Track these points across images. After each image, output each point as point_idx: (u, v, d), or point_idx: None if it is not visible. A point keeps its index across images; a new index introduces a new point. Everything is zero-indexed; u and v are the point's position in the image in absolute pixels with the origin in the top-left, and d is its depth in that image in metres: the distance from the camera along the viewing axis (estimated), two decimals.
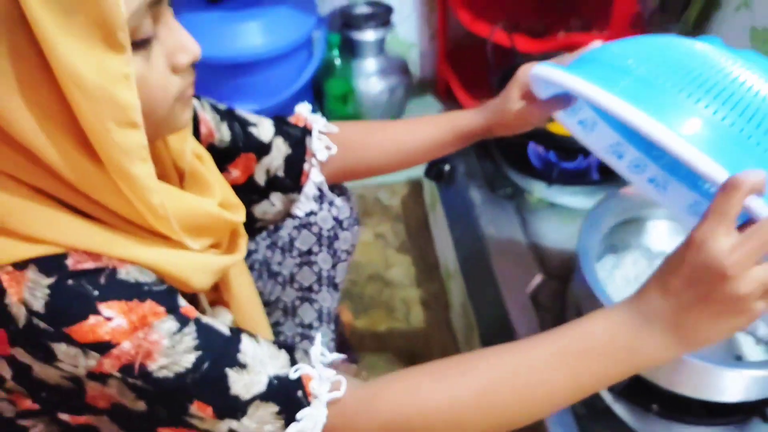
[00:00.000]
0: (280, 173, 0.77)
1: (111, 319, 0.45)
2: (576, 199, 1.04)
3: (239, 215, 0.62)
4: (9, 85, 0.40)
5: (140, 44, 0.45)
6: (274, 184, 0.78)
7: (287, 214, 0.82)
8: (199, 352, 0.49)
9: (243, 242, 0.65)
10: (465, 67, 1.71)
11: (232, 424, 0.49)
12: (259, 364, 0.51)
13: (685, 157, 0.47)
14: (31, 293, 0.44)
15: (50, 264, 0.45)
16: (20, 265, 0.45)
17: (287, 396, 0.51)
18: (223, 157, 0.72)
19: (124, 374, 0.46)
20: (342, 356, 0.56)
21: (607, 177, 1.05)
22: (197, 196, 0.58)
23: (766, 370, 0.65)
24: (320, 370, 0.53)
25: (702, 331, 0.48)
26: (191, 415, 0.49)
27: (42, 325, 0.44)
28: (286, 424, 0.51)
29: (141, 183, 0.45)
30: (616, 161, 0.74)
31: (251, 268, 0.85)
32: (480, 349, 0.55)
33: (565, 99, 0.68)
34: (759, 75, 0.51)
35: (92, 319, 0.45)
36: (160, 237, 0.50)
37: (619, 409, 0.75)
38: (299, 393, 0.51)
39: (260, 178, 0.77)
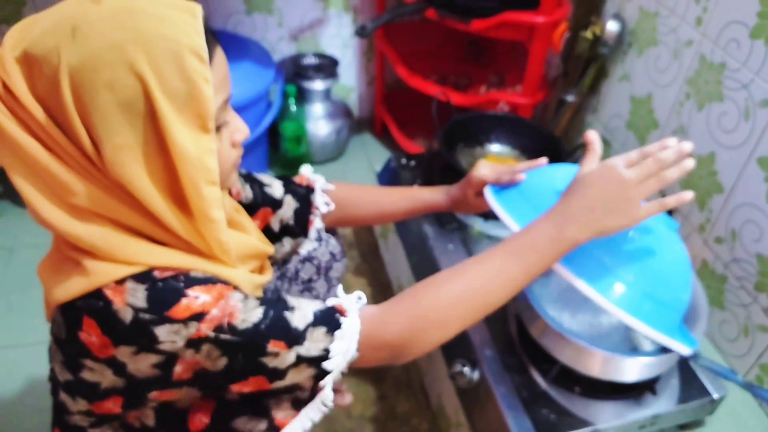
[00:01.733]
0: (291, 222, 0.97)
1: (198, 297, 0.62)
2: (507, 231, 1.30)
3: (271, 248, 0.83)
4: (135, 158, 0.59)
5: (218, 128, 0.66)
6: (286, 230, 0.98)
7: (293, 253, 1.02)
8: (263, 307, 0.66)
9: (270, 269, 0.86)
10: (398, 108, 1.95)
11: (299, 349, 0.66)
12: (304, 306, 0.69)
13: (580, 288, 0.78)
14: (133, 296, 0.60)
15: (142, 276, 0.61)
16: (120, 281, 0.61)
17: (329, 319, 0.69)
18: (247, 210, 0.90)
19: (217, 332, 0.62)
20: (358, 295, 0.72)
21: None
22: (243, 234, 0.78)
23: (653, 358, 0.91)
24: (346, 298, 0.72)
25: (602, 224, 0.72)
26: (268, 353, 0.64)
27: (147, 316, 0.60)
28: (333, 338, 0.68)
29: (217, 225, 0.64)
30: None
31: (264, 294, 1.04)
32: (460, 264, 0.74)
33: None
34: None
35: (185, 300, 0.61)
36: (221, 262, 0.69)
37: (552, 392, 0.99)
38: (336, 315, 0.69)
39: (275, 226, 0.96)
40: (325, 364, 0.68)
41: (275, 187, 0.96)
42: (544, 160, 0.91)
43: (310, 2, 1.77)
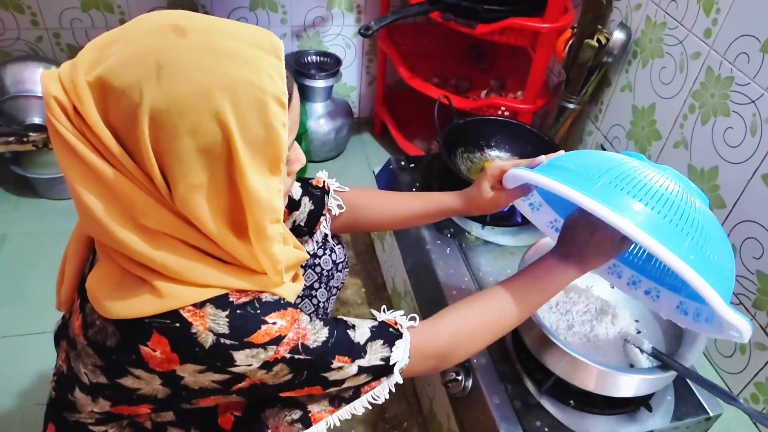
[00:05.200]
0: (303, 224, 0.96)
1: (276, 323, 0.65)
2: (504, 237, 1.29)
3: (305, 254, 0.81)
4: (202, 194, 0.59)
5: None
6: (294, 231, 0.96)
7: None
8: (328, 327, 0.70)
9: (301, 274, 0.84)
10: (398, 108, 1.94)
11: (361, 362, 0.71)
12: (360, 323, 0.74)
13: (649, 246, 0.67)
14: (215, 323, 0.62)
15: (221, 301, 0.63)
16: (199, 305, 0.62)
17: (384, 332, 0.74)
18: None
19: (292, 353, 0.65)
20: (401, 312, 0.80)
21: (527, 220, 1.31)
22: (287, 247, 0.77)
23: (649, 375, 0.90)
24: (394, 315, 0.78)
25: (592, 261, 0.82)
26: (332, 368, 0.69)
27: (229, 341, 0.62)
28: (390, 348, 0.74)
29: (275, 257, 0.65)
30: (553, 233, 0.97)
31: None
32: (488, 291, 0.84)
33: (524, 188, 0.90)
34: (672, 181, 0.73)
35: (264, 327, 0.64)
36: (267, 276, 0.69)
37: (546, 404, 0.98)
38: (390, 329, 0.75)
39: (287, 226, 0.95)
40: (383, 371, 0.74)
41: (294, 188, 0.95)
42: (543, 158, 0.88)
43: (314, 0, 1.75)
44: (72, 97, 0.56)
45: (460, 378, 1.03)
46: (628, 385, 0.92)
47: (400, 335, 0.75)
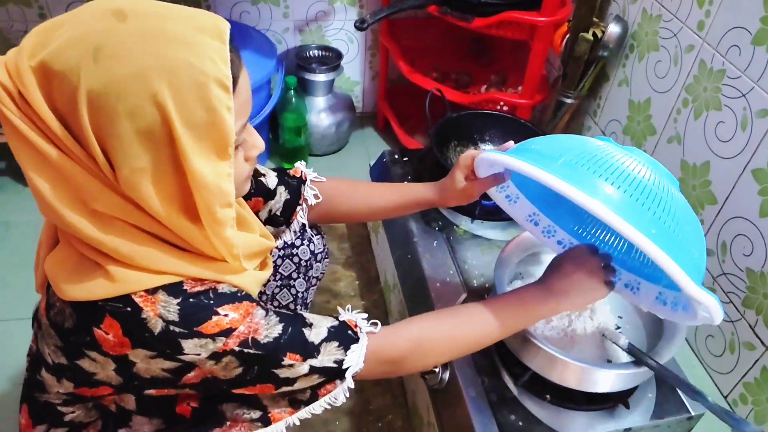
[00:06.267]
0: (279, 213, 0.97)
1: (228, 315, 0.64)
2: (493, 231, 1.28)
3: (273, 241, 0.82)
4: (147, 178, 0.59)
5: (235, 147, 0.65)
6: (271, 220, 0.97)
7: None
8: (283, 323, 0.69)
9: (270, 264, 0.85)
10: (401, 103, 1.94)
11: (313, 361, 0.70)
12: (319, 322, 0.74)
13: (606, 218, 0.66)
14: (165, 309, 0.62)
15: (174, 289, 0.63)
16: (151, 291, 0.62)
17: (342, 334, 0.74)
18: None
19: (241, 347, 0.65)
20: (364, 315, 0.79)
21: None
22: (249, 233, 0.78)
23: (623, 370, 0.88)
24: (356, 317, 0.77)
25: (571, 297, 0.82)
26: (283, 365, 0.68)
27: (177, 329, 0.62)
28: (345, 352, 0.73)
29: (229, 241, 0.65)
30: (533, 227, 0.96)
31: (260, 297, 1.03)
32: (461, 307, 0.83)
33: (497, 178, 0.89)
34: (636, 160, 0.72)
35: (215, 318, 0.64)
36: (226, 263, 0.69)
37: (522, 398, 0.97)
38: (349, 331, 0.74)
39: (263, 216, 0.96)
40: (335, 374, 0.73)
41: (269, 177, 0.95)
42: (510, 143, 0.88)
43: None
44: (17, 82, 0.56)
45: (437, 370, 1.02)
46: (603, 381, 0.90)
47: (357, 339, 0.74)
